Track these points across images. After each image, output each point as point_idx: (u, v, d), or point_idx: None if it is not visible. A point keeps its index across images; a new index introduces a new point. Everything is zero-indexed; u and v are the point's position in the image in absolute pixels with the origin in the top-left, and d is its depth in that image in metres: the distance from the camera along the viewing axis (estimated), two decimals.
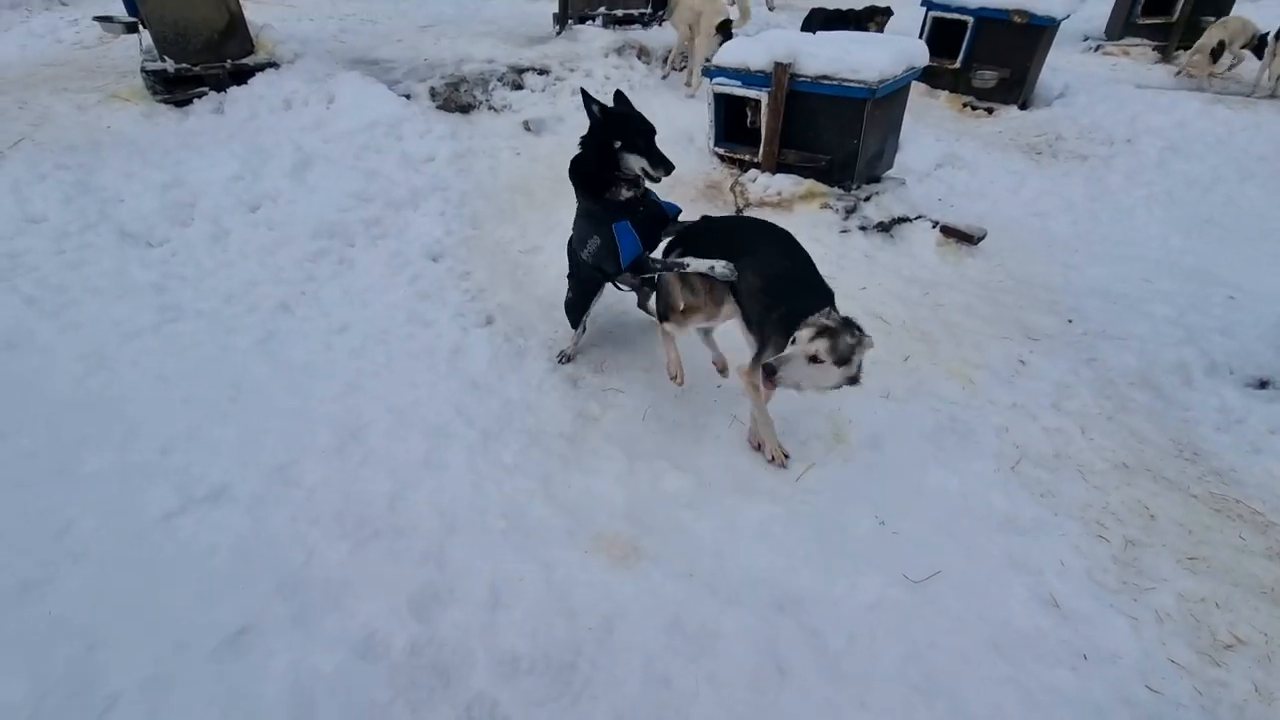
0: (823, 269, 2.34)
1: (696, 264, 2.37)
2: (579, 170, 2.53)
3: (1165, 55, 8.26)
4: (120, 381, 2.63)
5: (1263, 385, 3.03)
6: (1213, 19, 8.02)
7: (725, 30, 5.51)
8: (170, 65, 4.34)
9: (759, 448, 2.57)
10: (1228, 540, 2.24)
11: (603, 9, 6.31)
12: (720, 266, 2.32)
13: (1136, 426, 2.80)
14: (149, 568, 1.95)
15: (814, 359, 1.93)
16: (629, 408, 2.79)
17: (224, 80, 4.49)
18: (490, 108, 5.06)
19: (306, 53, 4.90)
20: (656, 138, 2.49)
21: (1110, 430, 2.76)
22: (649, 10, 6.53)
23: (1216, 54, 7.14)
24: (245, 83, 4.52)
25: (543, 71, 5.38)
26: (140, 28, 4.55)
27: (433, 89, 4.94)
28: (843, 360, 1.94)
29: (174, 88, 4.41)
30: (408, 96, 4.80)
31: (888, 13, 6.46)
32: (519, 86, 5.22)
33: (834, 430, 2.65)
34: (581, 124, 2.54)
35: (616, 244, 2.50)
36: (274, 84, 4.51)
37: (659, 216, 2.64)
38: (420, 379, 2.84)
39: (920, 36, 6.56)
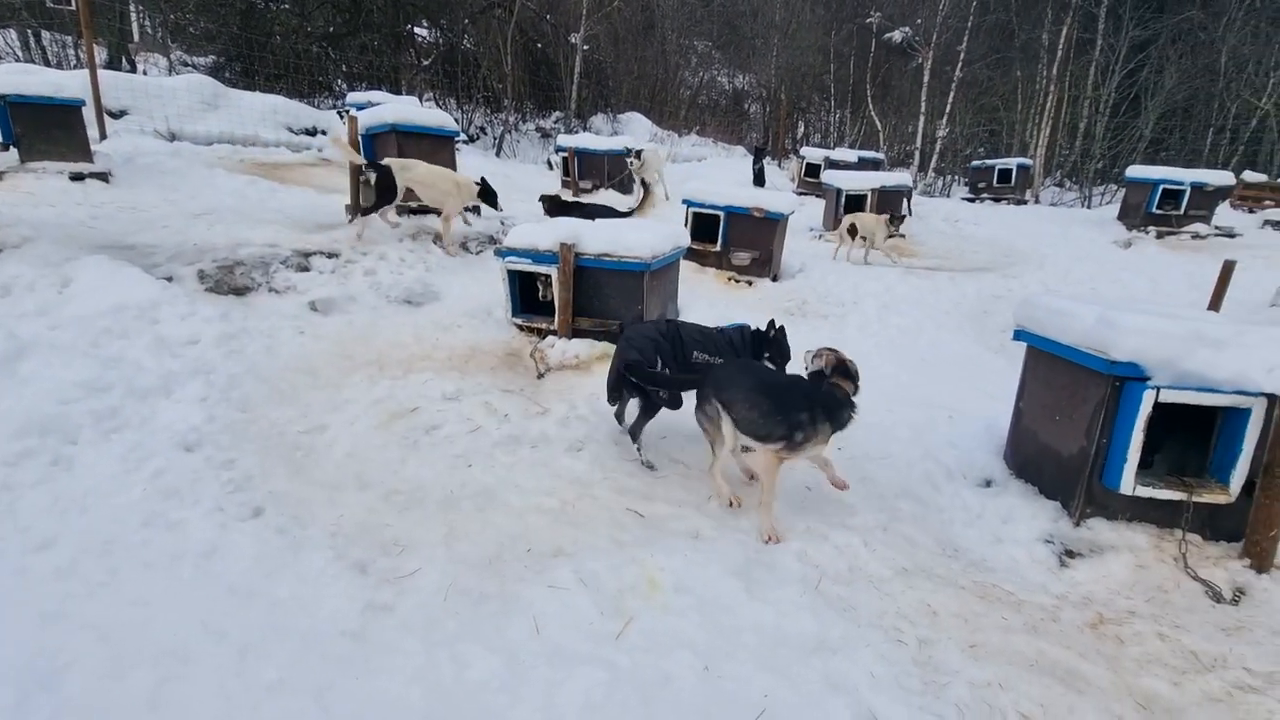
0: None
1: None
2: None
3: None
4: None
5: (988, 484, 3.61)
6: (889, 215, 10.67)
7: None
8: None
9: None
10: (995, 623, 2.49)
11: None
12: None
13: (908, 533, 3.13)
14: None
15: None
16: (429, 588, 2.49)
17: None
18: (271, 290, 4.83)
19: (40, 237, 4.37)
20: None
21: (888, 540, 3.04)
22: None
23: (853, 234, 9.27)
24: None
25: (332, 255, 5.35)
26: None
27: (201, 271, 4.63)
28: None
29: None
30: (169, 279, 4.42)
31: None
32: (305, 269, 5.09)
33: (648, 578, 2.59)
34: (375, 301, 2.50)
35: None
36: None
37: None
38: (155, 593, 2.30)
39: (685, 226, 7.79)
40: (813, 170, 15.08)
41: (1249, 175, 15.46)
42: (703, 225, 7.91)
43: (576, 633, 2.31)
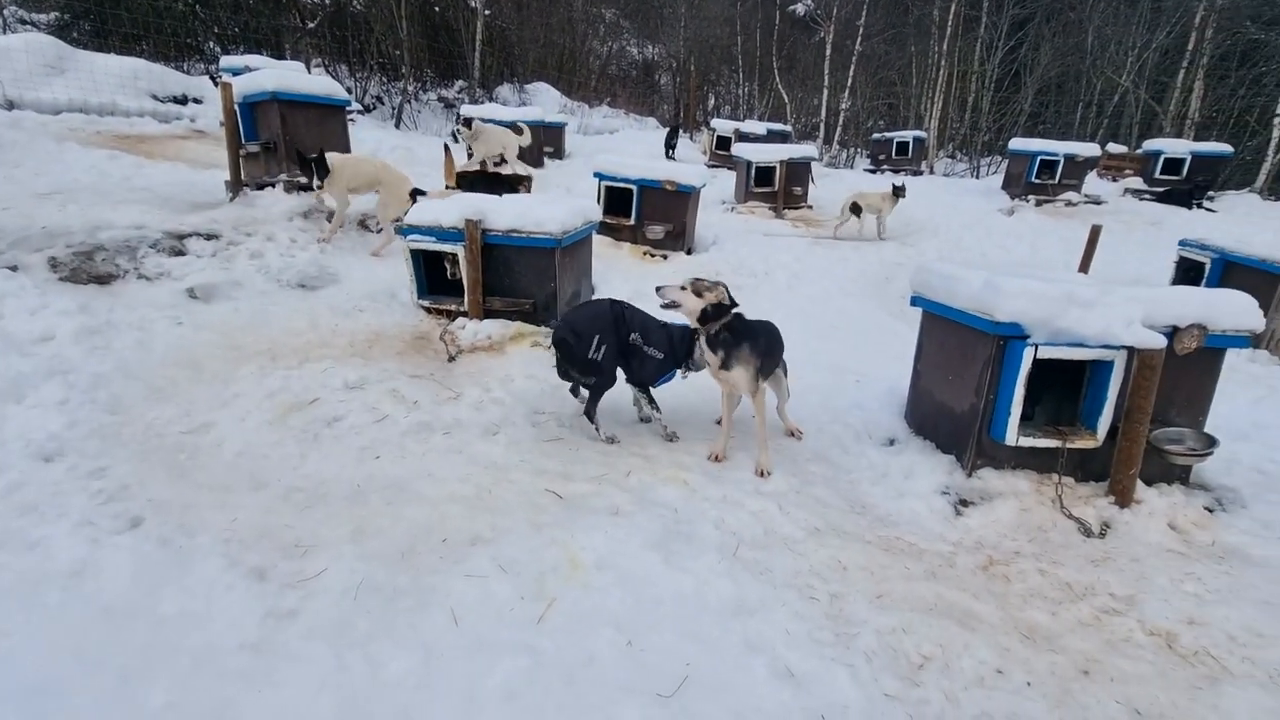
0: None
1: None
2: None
3: (776, 212, 10.91)
4: None
5: (891, 443, 3.82)
6: (800, 190, 10.99)
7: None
8: None
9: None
10: (899, 573, 2.65)
11: (284, 175, 6.10)
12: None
13: (819, 495, 3.26)
14: None
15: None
16: (337, 589, 2.36)
17: None
18: (142, 276, 4.36)
19: None
20: None
21: (801, 502, 3.15)
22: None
23: (856, 212, 9.60)
24: None
25: (212, 237, 4.89)
26: None
27: (53, 259, 4.11)
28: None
29: None
30: (14, 268, 3.90)
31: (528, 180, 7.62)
32: (180, 253, 4.63)
33: (569, 558, 2.57)
34: (264, 285, 2.30)
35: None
36: None
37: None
38: (15, 623, 2.05)
39: (597, 201, 7.69)
40: (723, 143, 15.24)
41: (1112, 147, 17.01)
42: (616, 199, 7.84)
43: (497, 621, 2.26)
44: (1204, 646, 2.30)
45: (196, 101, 10.16)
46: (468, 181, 7.11)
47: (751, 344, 3.26)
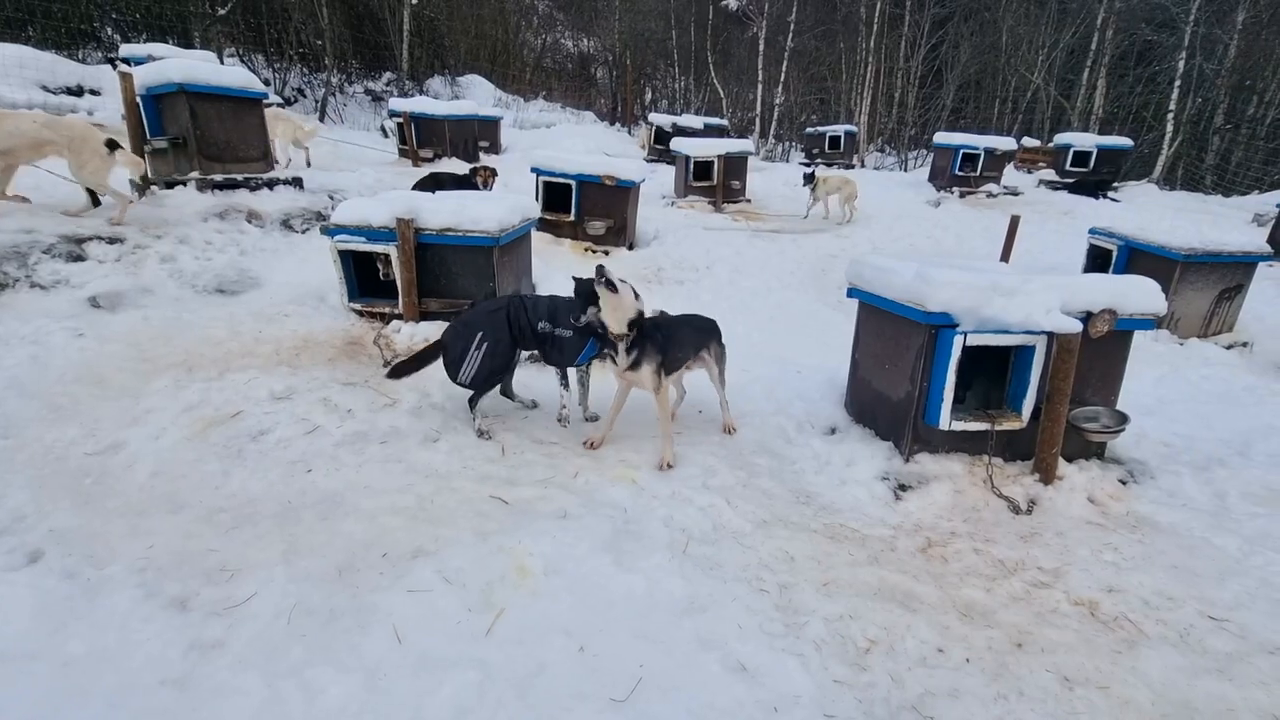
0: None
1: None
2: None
3: (715, 206, 11.02)
4: None
5: (832, 431, 3.90)
6: (738, 183, 11.12)
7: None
8: None
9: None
10: (843, 560, 2.71)
11: (195, 173, 5.70)
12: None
13: (765, 487, 3.30)
14: None
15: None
16: (267, 614, 2.22)
17: None
18: (35, 285, 4.00)
19: None
20: None
21: (748, 495, 3.18)
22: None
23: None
24: None
25: (115, 240, 4.52)
26: None
27: None
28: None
29: None
30: None
31: (493, 171, 7.45)
32: (79, 258, 4.27)
33: (517, 566, 2.51)
34: (177, 291, 2.12)
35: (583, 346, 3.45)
36: None
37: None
38: None
39: (535, 197, 7.58)
40: (662, 137, 15.25)
41: (1027, 140, 17.97)
42: (554, 195, 7.73)
43: (443, 636, 2.18)
44: (1122, 612, 2.45)
45: (94, 93, 9.39)
46: (434, 183, 6.80)
47: (652, 341, 3.30)
